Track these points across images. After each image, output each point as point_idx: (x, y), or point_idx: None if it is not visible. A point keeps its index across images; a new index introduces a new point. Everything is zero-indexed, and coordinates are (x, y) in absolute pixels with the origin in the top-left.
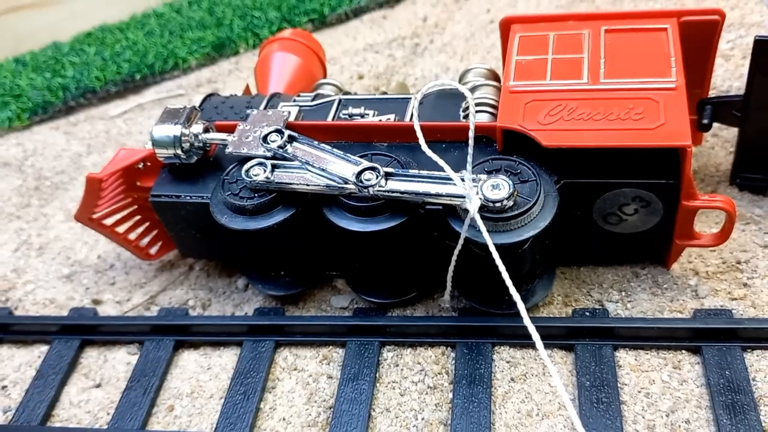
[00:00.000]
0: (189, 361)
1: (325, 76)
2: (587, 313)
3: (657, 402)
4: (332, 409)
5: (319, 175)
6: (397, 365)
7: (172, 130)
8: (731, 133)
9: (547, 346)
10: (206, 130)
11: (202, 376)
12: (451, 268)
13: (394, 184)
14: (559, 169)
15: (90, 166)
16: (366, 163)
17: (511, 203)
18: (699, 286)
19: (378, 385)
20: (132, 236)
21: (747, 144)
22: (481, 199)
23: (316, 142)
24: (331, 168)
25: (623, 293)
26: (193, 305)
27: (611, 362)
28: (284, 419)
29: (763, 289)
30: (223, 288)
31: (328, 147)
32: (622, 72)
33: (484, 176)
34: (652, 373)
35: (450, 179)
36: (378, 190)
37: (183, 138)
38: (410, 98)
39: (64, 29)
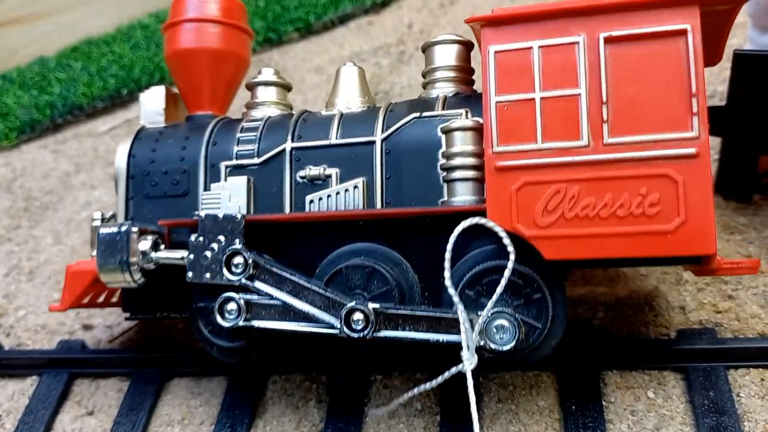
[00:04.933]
0: (180, 386)
1: (252, 37)
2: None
3: (642, 420)
4: None
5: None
6: (387, 387)
7: (116, 256)
8: (715, 141)
9: (533, 369)
10: (155, 246)
11: (192, 401)
12: (410, 394)
13: (388, 331)
14: (565, 264)
15: (78, 185)
16: (350, 303)
17: (518, 346)
18: (684, 299)
19: (366, 409)
20: (114, 299)
21: (730, 153)
22: (483, 344)
23: (287, 273)
24: (312, 309)
25: (609, 307)
26: (182, 327)
27: (597, 384)
28: None
29: (747, 301)
30: None
31: (303, 278)
32: (631, 123)
33: (487, 313)
34: (638, 390)
35: (448, 318)
36: (370, 338)
37: (131, 265)
38: (374, 141)
39: (50, 43)
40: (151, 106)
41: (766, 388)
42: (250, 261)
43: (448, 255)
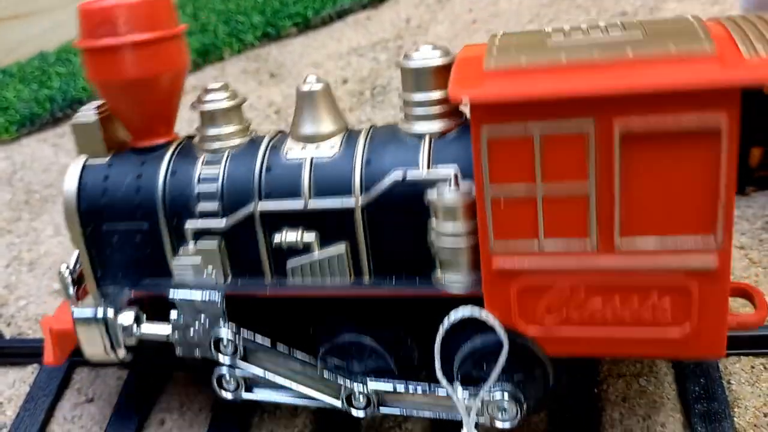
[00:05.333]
0: (179, 374)
1: (183, 29)
2: None
3: (635, 407)
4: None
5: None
6: None
7: (97, 342)
8: None
9: None
10: (137, 320)
11: (191, 389)
12: None
13: (389, 407)
14: None
15: None
16: (348, 384)
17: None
18: None
19: None
20: None
21: None
22: (484, 422)
23: (281, 356)
24: (311, 391)
25: None
26: None
27: (589, 373)
28: (272, 431)
29: None
30: None
31: (298, 361)
32: (645, 224)
33: (483, 395)
34: (630, 378)
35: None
36: (373, 415)
37: (114, 343)
38: (353, 209)
39: (50, 39)
40: (87, 138)
41: (756, 375)
42: (239, 345)
43: (437, 347)
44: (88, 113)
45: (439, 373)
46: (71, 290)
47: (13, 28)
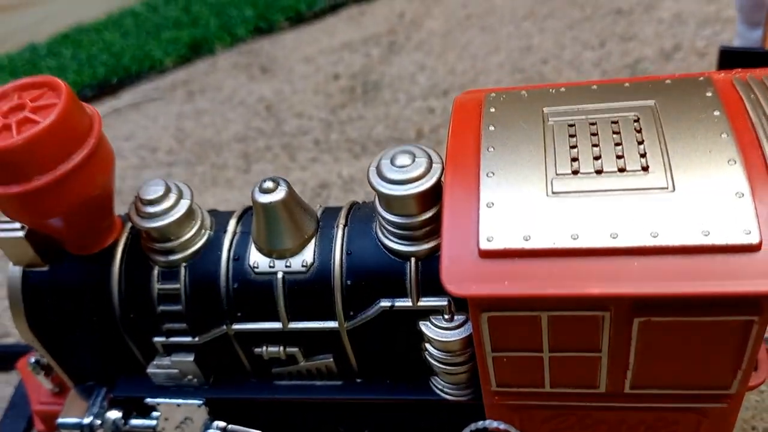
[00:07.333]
0: None
1: (96, 116)
2: None
3: None
4: None
5: None
6: None
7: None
8: None
9: None
10: (127, 415)
11: None
12: None
13: None
14: None
15: None
16: None
17: None
18: None
19: None
20: None
21: None
22: None
23: None
24: None
25: None
26: None
27: None
28: None
29: None
30: None
31: None
32: (659, 380)
33: None
34: None
35: None
36: None
37: None
38: (338, 330)
39: (40, 30)
40: (17, 250)
41: None
42: None
43: None
44: (12, 225)
45: None
46: (48, 385)
47: (4, 19)
